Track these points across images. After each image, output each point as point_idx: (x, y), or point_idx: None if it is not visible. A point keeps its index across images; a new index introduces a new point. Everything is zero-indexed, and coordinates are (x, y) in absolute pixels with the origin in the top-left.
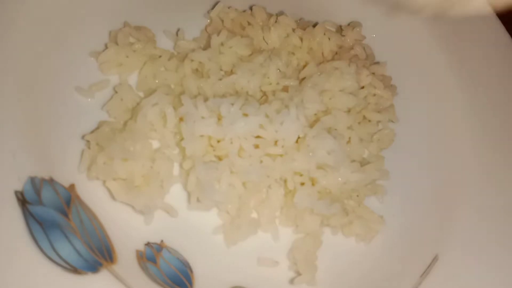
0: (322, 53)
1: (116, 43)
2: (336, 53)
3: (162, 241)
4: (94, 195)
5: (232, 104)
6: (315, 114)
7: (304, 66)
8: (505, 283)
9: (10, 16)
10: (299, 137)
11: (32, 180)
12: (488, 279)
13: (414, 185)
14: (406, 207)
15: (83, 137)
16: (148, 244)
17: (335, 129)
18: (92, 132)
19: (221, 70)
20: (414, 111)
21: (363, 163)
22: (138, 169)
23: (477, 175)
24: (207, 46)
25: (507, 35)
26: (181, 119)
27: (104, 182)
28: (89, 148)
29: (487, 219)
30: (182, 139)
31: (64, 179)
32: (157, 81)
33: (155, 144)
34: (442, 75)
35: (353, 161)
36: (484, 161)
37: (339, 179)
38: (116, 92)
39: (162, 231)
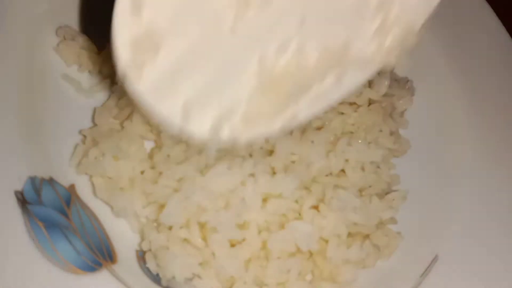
0: None
1: None
2: None
3: None
4: (94, 195)
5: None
6: None
7: None
8: (505, 283)
9: (10, 15)
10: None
11: (32, 180)
12: (488, 279)
13: (414, 185)
14: (406, 207)
15: (80, 132)
16: None
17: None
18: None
19: None
20: (413, 112)
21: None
22: (127, 171)
23: (477, 174)
24: None
25: (507, 35)
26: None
27: (90, 177)
28: (83, 143)
29: (487, 219)
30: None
31: (64, 179)
32: None
33: (151, 144)
34: (442, 76)
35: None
36: (484, 160)
37: (373, 222)
38: (113, 92)
39: None
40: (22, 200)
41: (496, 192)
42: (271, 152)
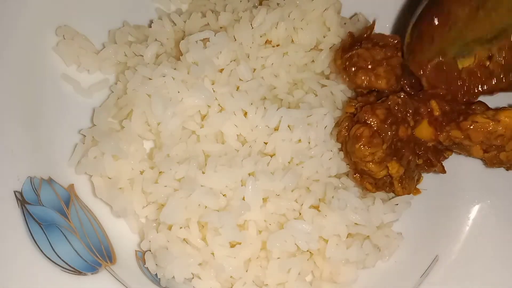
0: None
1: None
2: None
3: None
4: (93, 195)
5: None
6: None
7: None
8: (504, 283)
9: (11, 16)
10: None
11: (31, 180)
12: (488, 279)
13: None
14: (408, 209)
15: (79, 131)
16: None
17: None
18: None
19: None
20: None
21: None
22: (126, 171)
23: (477, 176)
24: None
25: None
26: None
27: (90, 177)
28: (83, 143)
29: (487, 220)
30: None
31: (63, 179)
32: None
33: (150, 144)
34: None
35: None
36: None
37: (374, 224)
38: (112, 91)
39: None
40: (22, 200)
41: (496, 193)
42: (271, 156)
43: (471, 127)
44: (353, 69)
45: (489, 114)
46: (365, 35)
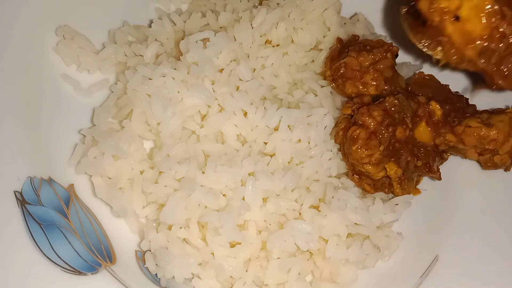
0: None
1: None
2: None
3: None
4: (93, 195)
5: None
6: None
7: None
8: (504, 283)
9: (11, 16)
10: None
11: (31, 180)
12: (488, 279)
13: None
14: (407, 209)
15: (79, 131)
16: None
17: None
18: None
19: None
20: None
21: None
22: (126, 171)
23: (477, 176)
24: None
25: None
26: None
27: (90, 177)
28: (83, 143)
29: (487, 220)
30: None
31: (63, 179)
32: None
33: (150, 144)
34: None
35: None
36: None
37: (374, 224)
38: (112, 91)
39: None
40: (22, 200)
41: (495, 193)
42: (271, 156)
43: (464, 131)
44: (341, 80)
45: (483, 118)
46: (353, 41)
